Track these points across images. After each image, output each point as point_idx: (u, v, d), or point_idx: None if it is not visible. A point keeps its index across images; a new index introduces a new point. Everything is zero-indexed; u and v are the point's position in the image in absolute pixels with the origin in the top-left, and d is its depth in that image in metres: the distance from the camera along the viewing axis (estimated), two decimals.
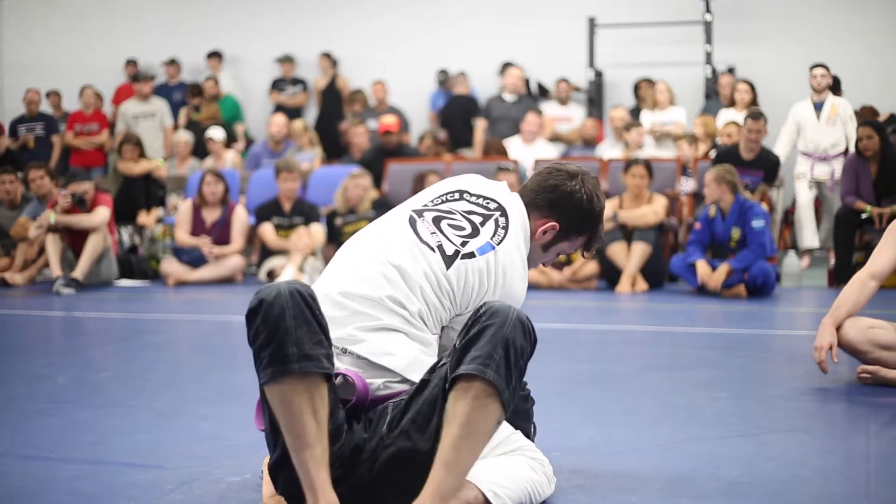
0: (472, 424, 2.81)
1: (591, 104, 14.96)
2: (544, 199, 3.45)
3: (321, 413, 2.87)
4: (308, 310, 2.90)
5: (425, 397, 2.98)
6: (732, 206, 9.51)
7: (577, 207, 3.45)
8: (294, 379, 2.84)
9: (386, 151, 12.86)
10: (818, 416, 4.67)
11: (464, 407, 2.81)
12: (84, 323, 8.46)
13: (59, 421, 4.43)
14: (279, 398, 2.87)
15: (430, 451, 2.89)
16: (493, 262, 3.25)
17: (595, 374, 5.67)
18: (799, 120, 11.58)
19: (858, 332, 5.16)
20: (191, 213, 11.20)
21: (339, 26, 16.30)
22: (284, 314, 2.86)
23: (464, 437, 2.81)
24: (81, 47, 17.34)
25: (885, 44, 14.21)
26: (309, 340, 2.87)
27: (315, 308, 2.93)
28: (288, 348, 2.85)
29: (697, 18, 14.59)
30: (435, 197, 3.47)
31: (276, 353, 2.85)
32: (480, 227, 3.33)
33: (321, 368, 2.87)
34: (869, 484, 3.43)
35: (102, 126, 14.58)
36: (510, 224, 3.36)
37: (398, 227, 3.34)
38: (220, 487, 3.41)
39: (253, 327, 2.91)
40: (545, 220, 3.45)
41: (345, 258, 3.34)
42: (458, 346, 2.90)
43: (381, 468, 3.02)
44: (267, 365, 2.87)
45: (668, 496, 3.30)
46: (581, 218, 3.47)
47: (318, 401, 2.86)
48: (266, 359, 2.87)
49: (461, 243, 3.27)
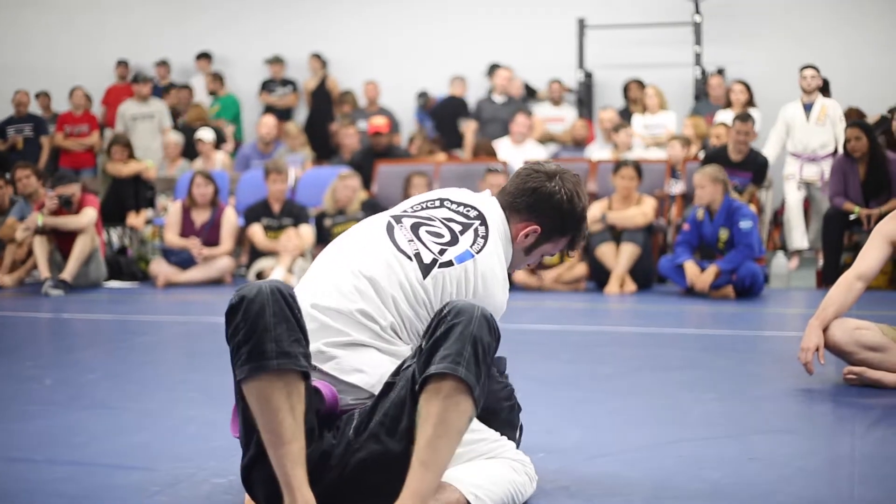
0: (447, 423, 2.83)
1: (581, 105, 14.98)
2: (523, 202, 3.41)
3: (298, 411, 2.88)
4: (288, 308, 2.91)
5: (392, 399, 2.98)
6: (721, 207, 9.53)
7: (558, 209, 3.41)
8: (272, 376, 2.85)
9: (375, 152, 12.85)
10: (803, 417, 4.68)
11: (437, 406, 2.82)
12: (72, 324, 8.45)
13: (46, 423, 4.43)
14: (257, 395, 2.87)
15: (402, 453, 2.90)
16: (472, 271, 3.22)
17: (582, 375, 5.68)
18: (788, 121, 11.61)
19: (845, 333, 5.18)
20: (180, 215, 11.19)
21: (329, 27, 16.30)
22: (265, 311, 2.88)
23: (440, 436, 2.82)
24: (70, 48, 17.31)
25: (874, 45, 14.24)
26: (288, 338, 2.88)
27: (295, 307, 2.94)
28: (267, 345, 2.86)
29: (687, 20, 14.63)
30: (415, 204, 3.46)
31: (255, 349, 2.86)
32: (460, 236, 3.30)
33: (299, 366, 2.88)
34: (853, 485, 3.44)
35: (92, 127, 14.56)
36: (490, 232, 3.33)
37: (375, 236, 3.31)
38: (206, 489, 3.41)
39: (233, 324, 2.92)
40: (526, 224, 3.42)
41: (320, 268, 3.32)
42: (424, 346, 2.90)
43: (352, 473, 3.02)
44: (245, 361, 2.88)
45: (653, 497, 3.31)
46: (562, 219, 3.43)
47: (295, 398, 2.87)
48: (244, 355, 2.88)
49: (439, 251, 3.24)
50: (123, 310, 9.18)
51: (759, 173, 10.81)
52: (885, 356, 5.13)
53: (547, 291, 10.24)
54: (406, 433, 2.91)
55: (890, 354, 5.13)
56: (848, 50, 14.22)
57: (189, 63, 16.55)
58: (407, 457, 2.87)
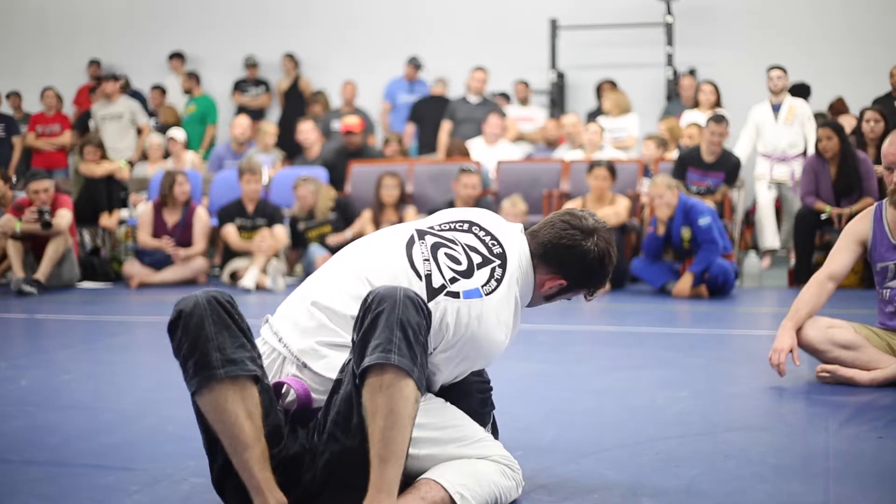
0: (394, 413, 2.83)
1: (553, 106, 15.01)
2: (555, 255, 3.38)
3: (255, 414, 2.90)
4: (227, 315, 2.93)
5: (341, 396, 2.99)
6: (677, 207, 9.58)
7: (588, 268, 3.41)
8: (222, 384, 2.88)
9: (349, 152, 12.84)
10: (777, 414, 4.72)
11: (382, 398, 2.83)
12: (46, 325, 8.42)
13: (22, 423, 4.42)
14: (211, 405, 2.89)
15: (359, 447, 2.91)
16: (475, 310, 3.16)
17: (556, 375, 5.70)
18: (757, 121, 11.67)
19: (818, 332, 5.22)
20: (152, 215, 11.16)
21: (302, 28, 16.27)
22: (203, 322, 2.91)
23: (390, 427, 2.83)
24: (42, 48, 17.23)
25: (846, 45, 14.31)
26: (231, 345, 2.90)
27: (234, 313, 2.96)
28: (211, 355, 2.88)
29: (659, 20, 14.68)
30: (444, 222, 3.43)
31: (201, 361, 2.89)
32: (476, 270, 3.25)
33: (247, 371, 2.90)
34: (828, 482, 3.48)
35: (64, 127, 14.49)
36: (506, 277, 3.27)
37: (393, 247, 3.29)
38: (185, 488, 3.42)
39: (175, 339, 2.95)
40: (554, 277, 3.41)
41: (331, 268, 3.34)
42: (355, 339, 2.91)
43: (322, 475, 3.04)
44: (193, 374, 2.90)
45: (630, 495, 3.34)
46: (589, 276, 3.44)
47: (249, 402, 2.89)
48: (192, 368, 2.90)
49: (450, 279, 3.20)
50: (97, 310, 9.15)
51: (731, 174, 10.87)
52: (857, 354, 5.19)
53: None
54: (358, 428, 2.92)
55: (862, 352, 5.19)
56: (820, 50, 14.29)
57: (162, 63, 16.49)
58: (364, 451, 2.88)
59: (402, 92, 15.07)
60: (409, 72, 15.04)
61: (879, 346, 5.23)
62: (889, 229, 5.29)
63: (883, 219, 5.33)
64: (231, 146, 13.32)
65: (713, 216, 9.55)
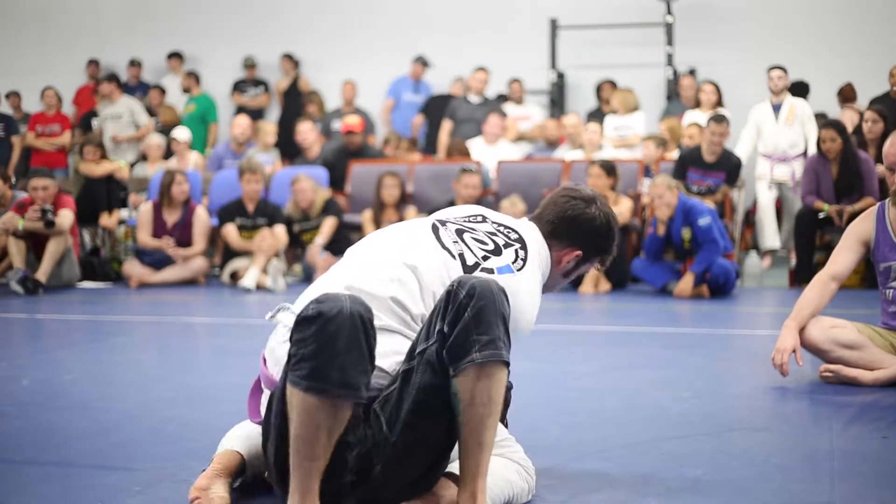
0: (494, 402, 2.90)
1: (553, 105, 15.01)
2: (565, 229, 3.54)
3: (335, 433, 2.84)
4: (364, 335, 2.82)
5: (418, 385, 2.95)
6: (677, 207, 9.58)
7: (598, 233, 3.58)
8: (327, 400, 2.80)
9: (349, 152, 12.84)
10: (781, 414, 4.71)
11: (484, 387, 2.88)
12: (46, 325, 8.42)
13: (23, 423, 4.41)
14: (303, 407, 2.81)
15: (439, 436, 2.97)
16: (511, 284, 3.19)
17: (559, 374, 5.69)
18: (758, 121, 11.66)
19: (821, 332, 5.22)
20: (151, 215, 11.15)
21: (301, 28, 16.27)
22: (339, 335, 2.78)
23: (490, 415, 2.90)
24: (41, 48, 17.23)
25: (845, 45, 14.32)
26: (355, 368, 2.80)
27: (371, 335, 2.85)
28: (332, 372, 2.78)
29: (659, 20, 14.68)
30: (458, 215, 3.52)
31: (319, 370, 2.78)
32: (503, 249, 3.37)
33: (357, 398, 2.83)
34: (833, 482, 3.47)
35: (65, 127, 14.47)
36: (529, 257, 3.40)
37: (420, 232, 3.35)
38: (187, 488, 3.39)
39: (303, 333, 2.82)
40: (569, 250, 3.56)
41: (359, 256, 3.33)
42: (445, 329, 2.91)
43: (394, 467, 3.01)
44: (305, 376, 2.80)
45: (634, 495, 3.33)
46: (602, 242, 3.60)
47: (337, 423, 2.83)
48: (306, 370, 2.80)
49: (482, 257, 3.31)
50: (98, 310, 9.14)
51: (732, 174, 10.86)
52: (861, 354, 5.18)
53: None
54: (440, 416, 2.94)
55: (866, 352, 5.18)
56: (819, 50, 14.30)
57: (160, 63, 16.49)
58: (442, 440, 2.95)
59: (406, 90, 15.07)
60: (416, 70, 15.04)
61: (882, 346, 5.22)
62: (892, 229, 5.29)
63: (886, 219, 5.32)
64: (231, 146, 13.31)
65: (713, 216, 9.55)
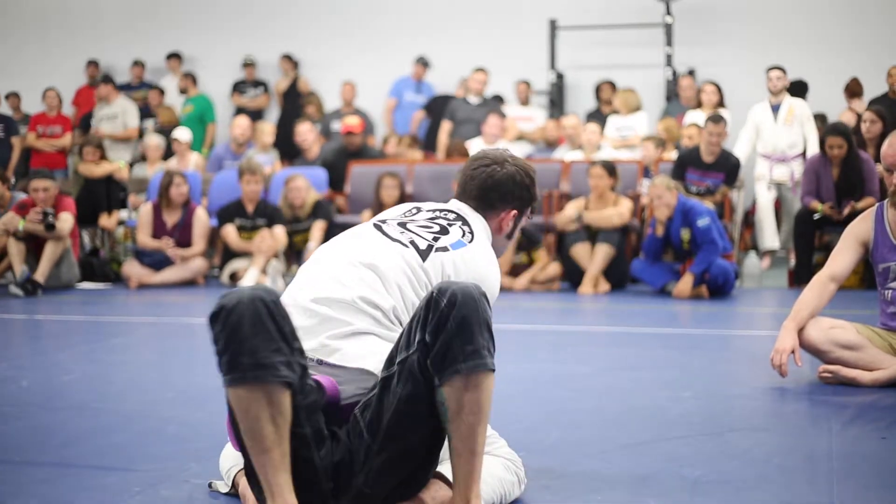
0: (483, 409, 2.90)
1: (553, 106, 15.01)
2: (494, 196, 3.55)
3: (279, 420, 2.85)
4: (269, 317, 2.85)
5: (400, 395, 2.96)
6: (676, 208, 9.59)
7: (523, 187, 3.59)
8: (248, 387, 2.82)
9: (349, 153, 12.84)
10: (780, 415, 4.72)
11: (472, 397, 2.88)
12: (46, 326, 8.42)
13: (23, 424, 4.41)
14: (236, 403, 2.86)
15: (421, 444, 2.98)
16: (469, 257, 3.33)
17: (559, 375, 5.70)
18: (757, 122, 11.66)
19: (820, 333, 5.22)
20: (151, 216, 11.15)
21: (301, 28, 16.26)
22: (242, 321, 2.83)
23: (480, 423, 2.90)
24: (41, 49, 17.22)
25: (845, 45, 14.31)
26: (266, 348, 2.83)
27: (277, 314, 2.88)
28: (242, 357, 2.82)
29: (658, 21, 14.68)
30: (395, 213, 3.56)
31: (231, 360, 2.83)
32: (448, 228, 3.42)
33: (277, 377, 2.83)
34: (831, 482, 3.47)
35: (66, 129, 14.46)
36: (474, 230, 3.46)
37: (366, 234, 3.38)
38: (187, 489, 3.41)
39: (214, 332, 2.88)
40: (503, 214, 3.58)
41: (315, 266, 3.34)
42: (428, 339, 2.90)
43: (378, 475, 3.02)
44: (225, 372, 2.86)
45: (634, 495, 3.33)
46: (527, 193, 3.62)
47: (275, 408, 2.84)
48: (224, 365, 2.86)
49: (433, 239, 3.35)
50: (97, 311, 9.14)
51: (731, 174, 10.86)
52: (860, 354, 5.18)
53: (521, 292, 10.25)
54: (424, 424, 2.96)
55: (865, 353, 5.18)
56: (818, 51, 14.29)
57: (160, 63, 16.49)
58: (426, 445, 2.98)
59: (408, 91, 15.07)
60: (418, 71, 15.05)
61: (881, 346, 5.22)
62: (890, 230, 5.29)
63: (884, 220, 5.33)
64: (230, 146, 13.31)
65: (712, 217, 9.56)
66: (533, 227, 10.67)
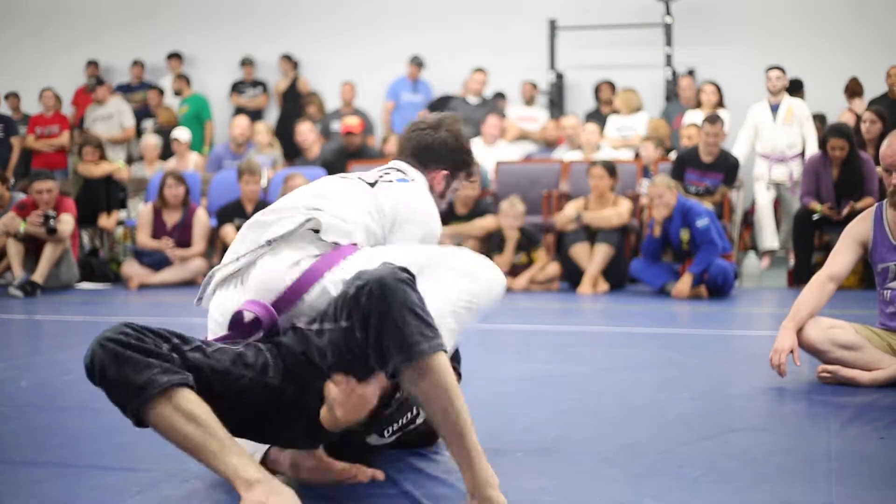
0: (446, 388, 2.85)
1: (553, 106, 15.01)
2: (427, 156, 3.86)
3: (197, 414, 2.92)
4: (125, 346, 2.96)
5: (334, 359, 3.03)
6: (675, 208, 9.59)
7: (454, 150, 3.89)
8: (146, 411, 2.94)
9: (348, 153, 12.85)
10: (779, 415, 4.72)
11: (428, 382, 2.84)
12: (45, 326, 8.42)
13: (23, 424, 4.42)
14: (157, 430, 2.97)
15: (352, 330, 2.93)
16: (407, 189, 3.63)
17: (557, 375, 5.69)
18: (756, 122, 11.66)
19: (819, 332, 5.22)
20: (151, 216, 11.16)
21: (300, 28, 16.28)
22: (106, 369, 2.97)
23: (450, 403, 2.85)
24: (41, 49, 17.23)
25: (844, 45, 14.32)
26: (135, 375, 2.93)
27: (132, 338, 2.98)
28: (123, 394, 2.97)
29: (658, 21, 14.69)
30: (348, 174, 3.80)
31: (120, 403, 3.01)
32: (391, 173, 3.72)
33: (158, 387, 2.91)
34: (831, 483, 3.47)
35: (63, 128, 14.47)
36: (415, 177, 3.79)
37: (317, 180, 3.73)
38: (187, 489, 3.41)
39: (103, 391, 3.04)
40: (436, 173, 3.87)
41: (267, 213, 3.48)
42: (358, 334, 2.88)
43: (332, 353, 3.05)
44: (129, 417, 3.01)
45: (633, 495, 3.33)
46: (461, 156, 3.92)
47: (180, 410, 2.92)
48: (126, 413, 3.01)
49: (380, 176, 3.65)
50: (97, 311, 9.14)
51: (730, 174, 10.87)
52: (859, 354, 5.19)
53: (520, 292, 10.26)
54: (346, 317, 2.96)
55: (864, 353, 5.18)
56: (817, 50, 14.31)
57: (160, 63, 16.50)
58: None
59: (405, 91, 15.07)
60: (413, 71, 15.04)
61: (880, 346, 5.22)
62: (889, 230, 5.29)
63: (883, 220, 5.33)
64: (230, 146, 13.32)
65: (711, 217, 9.57)
66: (532, 227, 10.68)
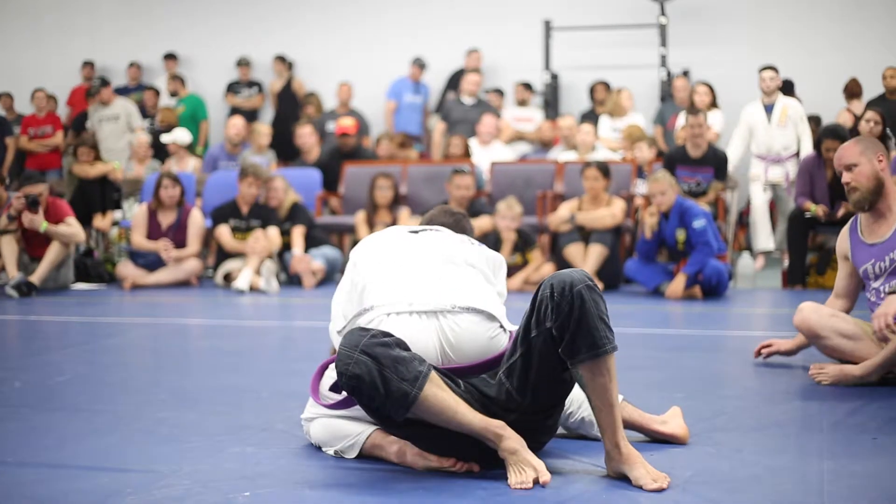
0: (611, 373, 3.49)
1: (547, 107, 15.02)
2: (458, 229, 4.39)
3: (445, 388, 3.46)
4: (387, 349, 3.40)
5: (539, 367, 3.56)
6: (673, 208, 9.60)
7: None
8: (420, 398, 3.39)
9: (343, 154, 12.85)
10: (771, 415, 4.72)
11: (601, 370, 3.46)
12: (40, 326, 8.41)
13: (16, 425, 4.42)
14: (424, 405, 3.40)
15: None
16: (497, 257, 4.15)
17: None
18: (750, 122, 11.66)
19: (820, 318, 5.34)
20: (146, 217, 11.15)
21: (295, 29, 16.29)
22: (375, 380, 3.35)
23: (610, 381, 3.48)
24: (35, 49, 17.22)
25: (839, 46, 14.34)
26: (406, 370, 3.39)
27: (391, 345, 3.42)
28: (397, 392, 3.37)
29: (652, 21, 14.70)
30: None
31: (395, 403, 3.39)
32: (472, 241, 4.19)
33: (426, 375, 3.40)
34: (823, 483, 3.48)
35: (56, 128, 14.46)
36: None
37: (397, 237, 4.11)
38: (180, 490, 3.42)
39: (363, 399, 3.43)
40: None
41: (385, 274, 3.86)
42: (555, 333, 3.47)
43: None
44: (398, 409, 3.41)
45: (624, 496, 3.34)
46: None
47: (441, 384, 3.45)
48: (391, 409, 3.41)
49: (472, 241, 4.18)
50: (91, 312, 9.13)
51: (720, 169, 10.82)
52: (856, 345, 5.28)
53: (515, 292, 10.25)
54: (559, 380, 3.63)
55: (861, 344, 5.30)
56: (811, 51, 14.33)
57: (155, 64, 16.50)
58: None
59: (407, 92, 15.08)
60: (415, 72, 15.05)
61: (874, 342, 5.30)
62: (861, 232, 5.45)
63: (857, 227, 5.51)
64: (225, 147, 13.31)
65: (708, 218, 9.58)
66: (527, 228, 10.69)
